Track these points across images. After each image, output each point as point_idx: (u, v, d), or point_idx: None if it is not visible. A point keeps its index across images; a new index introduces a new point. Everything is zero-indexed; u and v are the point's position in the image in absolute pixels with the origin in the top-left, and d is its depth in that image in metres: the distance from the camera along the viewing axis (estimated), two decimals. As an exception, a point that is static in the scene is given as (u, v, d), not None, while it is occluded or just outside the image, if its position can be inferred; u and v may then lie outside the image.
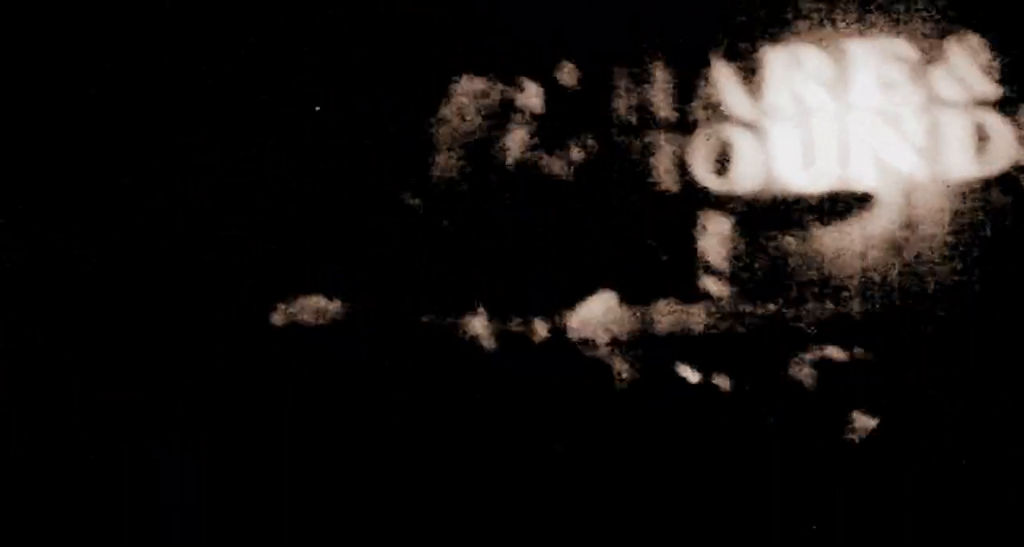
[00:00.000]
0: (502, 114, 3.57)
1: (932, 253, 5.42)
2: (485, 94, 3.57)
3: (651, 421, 3.57)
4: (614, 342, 3.51)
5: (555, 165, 3.67)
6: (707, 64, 5.70)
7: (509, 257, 3.56)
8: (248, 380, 4.89)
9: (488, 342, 3.45)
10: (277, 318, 3.63)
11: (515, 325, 3.49)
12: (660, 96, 5.75)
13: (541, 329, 3.49)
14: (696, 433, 3.82)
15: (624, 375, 3.52)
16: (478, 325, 3.46)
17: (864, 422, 4.22)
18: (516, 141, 3.60)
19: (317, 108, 5.26)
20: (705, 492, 3.72)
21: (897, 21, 5.58)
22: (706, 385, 4.16)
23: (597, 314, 3.49)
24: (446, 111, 3.57)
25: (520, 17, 5.40)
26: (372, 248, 3.73)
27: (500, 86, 3.57)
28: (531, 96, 3.63)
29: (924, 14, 5.56)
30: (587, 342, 3.48)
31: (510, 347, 3.46)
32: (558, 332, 3.48)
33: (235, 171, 5.41)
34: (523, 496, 3.37)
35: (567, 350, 3.48)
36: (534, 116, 3.64)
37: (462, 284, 3.53)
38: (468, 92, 3.56)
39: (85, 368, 5.03)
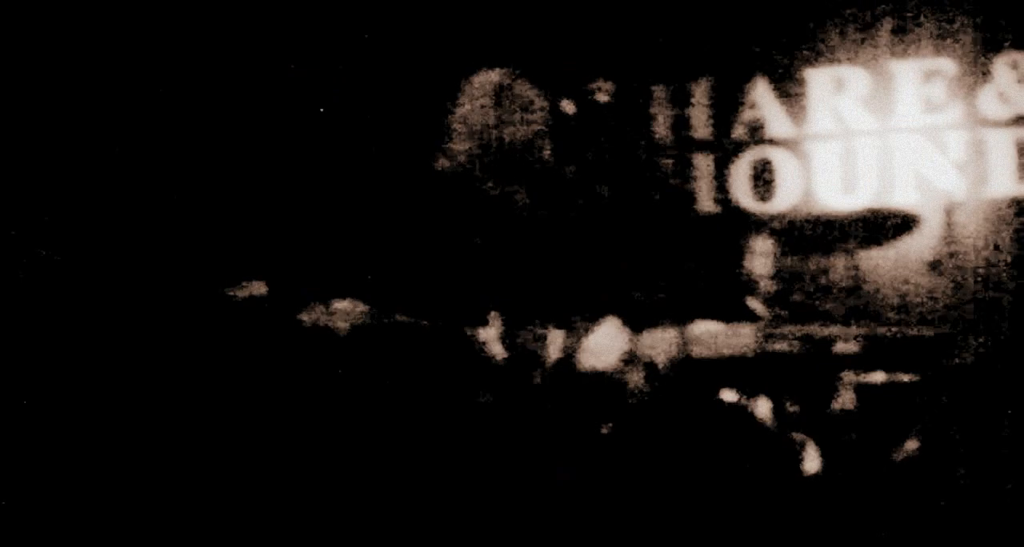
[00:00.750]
0: (537, 129, 3.54)
1: (976, 274, 5.36)
2: (518, 108, 3.54)
3: (684, 443, 3.53)
4: (648, 362, 3.47)
5: (592, 183, 3.64)
6: (749, 84, 5.67)
7: (539, 274, 3.53)
8: (256, 384, 4.90)
9: (502, 355, 3.42)
10: (288, 323, 3.60)
11: (537, 340, 3.46)
12: (701, 116, 5.73)
13: (568, 346, 3.46)
14: (734, 455, 3.78)
15: (658, 396, 3.49)
16: (492, 335, 3.43)
17: (907, 446, 4.17)
18: (551, 156, 3.57)
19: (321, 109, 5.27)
20: (742, 517, 3.68)
21: (939, 40, 5.52)
22: (745, 407, 4.12)
23: (619, 333, 3.45)
24: (475, 121, 3.55)
25: (558, 34, 5.41)
26: (390, 254, 3.72)
27: (535, 101, 3.55)
28: (567, 113, 3.61)
29: (967, 32, 5.51)
30: (619, 362, 3.44)
31: (532, 364, 3.44)
32: (587, 350, 3.44)
33: (248, 173, 5.40)
34: (537, 513, 3.35)
35: (595, 369, 3.45)
36: (570, 133, 3.61)
37: (481, 295, 3.50)
38: (499, 105, 3.54)
39: (93, 370, 5.04)
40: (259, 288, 3.62)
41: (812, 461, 3.98)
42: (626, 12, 5.61)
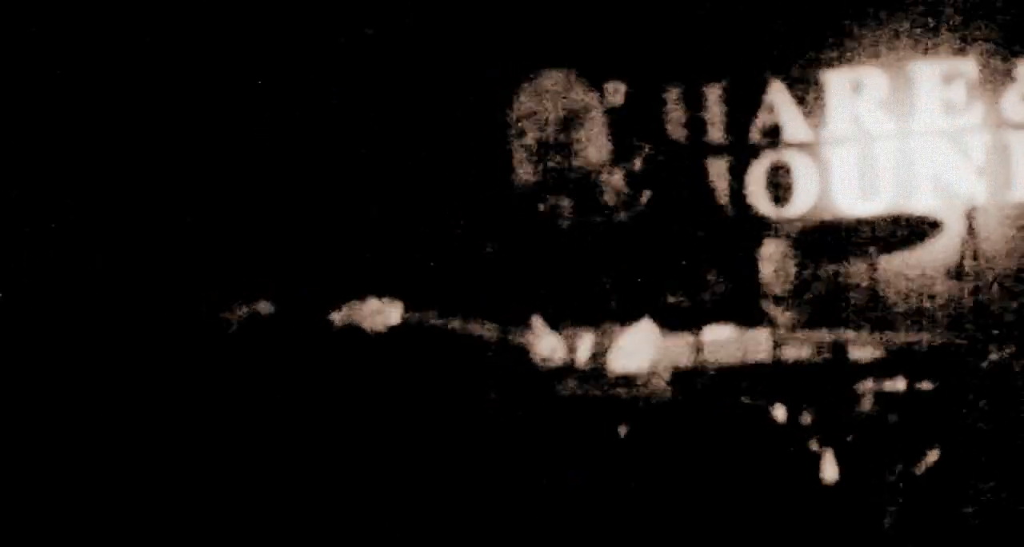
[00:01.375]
0: (554, 134, 3.51)
1: (999, 280, 5.28)
2: (538, 113, 3.52)
3: (702, 449, 3.48)
4: (665, 367, 3.42)
5: (605, 187, 3.60)
6: (765, 86, 5.59)
7: (555, 281, 3.50)
8: (290, 386, 4.91)
9: (537, 357, 3.40)
10: (328, 323, 3.62)
11: (564, 343, 3.44)
12: (716, 119, 5.66)
13: (590, 348, 3.43)
14: (750, 463, 3.72)
15: (676, 401, 3.44)
16: (529, 338, 3.41)
17: (926, 455, 4.09)
18: (568, 163, 3.53)
19: None
20: (758, 526, 3.61)
21: (961, 41, 5.44)
22: (761, 414, 4.05)
23: (648, 338, 3.41)
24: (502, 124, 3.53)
25: (572, 36, 5.36)
26: (424, 257, 3.74)
27: (554, 104, 3.52)
28: (581, 118, 3.58)
29: (989, 34, 5.42)
30: (638, 367, 3.40)
31: (558, 365, 3.41)
32: (607, 354, 3.41)
33: (285, 177, 5.40)
34: (559, 516, 3.32)
35: (615, 373, 3.41)
36: (585, 138, 3.58)
37: (511, 300, 3.48)
38: (520, 111, 3.52)
39: (114, 373, 5.04)
40: (301, 291, 3.67)
41: (830, 471, 3.91)
42: (638, 14, 5.55)
